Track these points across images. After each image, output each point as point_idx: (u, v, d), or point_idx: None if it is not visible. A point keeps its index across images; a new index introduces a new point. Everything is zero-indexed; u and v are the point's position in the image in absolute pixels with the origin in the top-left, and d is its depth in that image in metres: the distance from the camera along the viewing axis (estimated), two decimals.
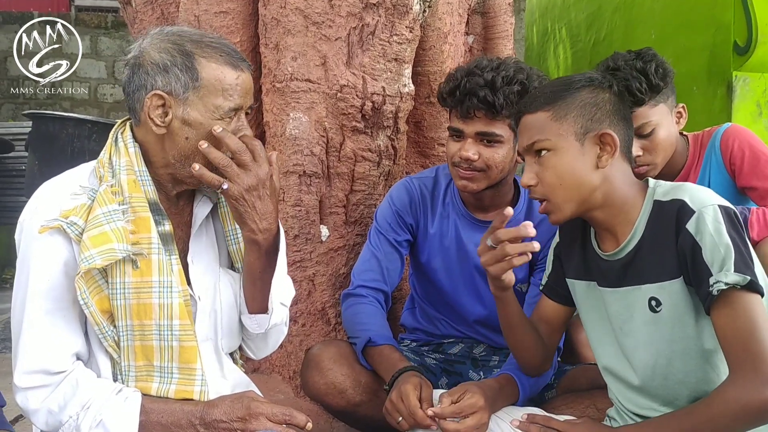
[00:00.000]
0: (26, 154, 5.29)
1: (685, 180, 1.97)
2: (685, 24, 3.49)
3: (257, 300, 1.40)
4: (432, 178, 1.89)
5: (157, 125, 1.27)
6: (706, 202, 1.22)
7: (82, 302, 1.21)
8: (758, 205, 1.83)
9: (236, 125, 1.31)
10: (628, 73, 1.74)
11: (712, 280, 1.17)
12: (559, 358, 1.75)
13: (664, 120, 1.84)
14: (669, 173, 1.95)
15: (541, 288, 1.56)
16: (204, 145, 1.25)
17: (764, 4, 3.10)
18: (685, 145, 1.99)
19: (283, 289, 1.46)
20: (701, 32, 3.35)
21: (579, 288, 1.44)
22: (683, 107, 1.93)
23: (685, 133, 2.02)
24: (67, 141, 4.89)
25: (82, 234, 1.21)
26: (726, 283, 1.15)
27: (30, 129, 5.24)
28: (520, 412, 1.52)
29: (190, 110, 1.26)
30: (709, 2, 3.33)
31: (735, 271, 1.15)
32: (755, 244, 1.75)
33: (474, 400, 1.41)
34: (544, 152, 1.31)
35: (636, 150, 1.81)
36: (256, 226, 1.30)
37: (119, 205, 1.25)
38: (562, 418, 1.53)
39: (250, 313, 1.41)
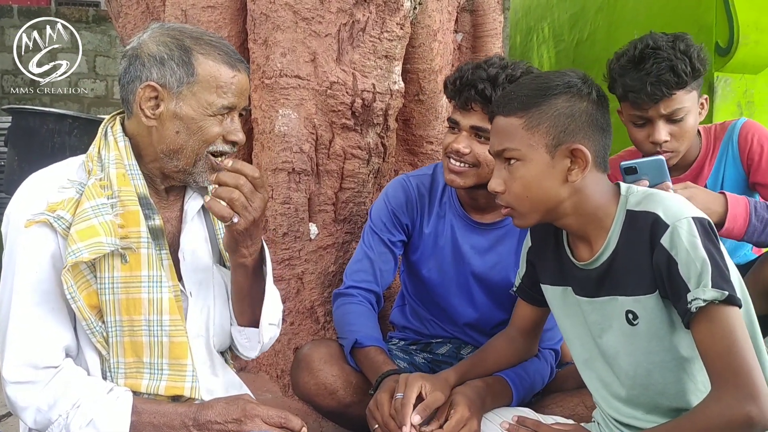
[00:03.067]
0: (5, 149, 5.20)
1: (699, 172, 1.95)
2: (668, 25, 3.52)
3: (247, 314, 1.40)
4: (429, 175, 1.87)
5: (147, 117, 1.27)
6: (679, 215, 1.19)
7: (69, 297, 1.19)
8: None
9: (230, 126, 1.31)
10: (671, 54, 1.73)
11: (690, 297, 1.15)
12: (556, 363, 1.74)
13: (694, 108, 1.80)
14: (681, 164, 1.92)
15: (514, 290, 1.56)
16: (212, 187, 1.27)
17: (746, 6, 3.14)
18: (696, 137, 1.95)
19: (272, 307, 1.44)
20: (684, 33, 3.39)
21: (553, 293, 1.43)
22: (706, 99, 1.89)
23: None
24: (47, 136, 4.82)
25: (69, 228, 1.20)
26: (704, 300, 1.13)
27: (9, 124, 5.15)
28: (510, 413, 1.51)
29: (182, 105, 1.26)
30: (692, 3, 3.36)
31: (713, 286, 1.13)
32: None
33: (459, 414, 1.42)
34: (513, 161, 1.27)
35: (664, 135, 1.78)
36: (247, 251, 1.31)
37: (108, 198, 1.24)
38: (551, 419, 1.53)
39: (240, 325, 1.41)
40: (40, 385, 1.20)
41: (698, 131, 1.98)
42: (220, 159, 1.32)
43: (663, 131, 1.78)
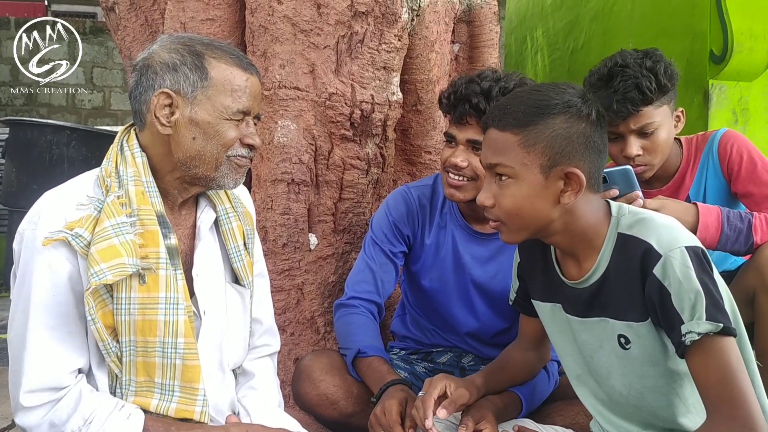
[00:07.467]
0: (3, 161, 5.20)
1: (681, 183, 1.97)
2: (663, 32, 3.54)
3: None
4: (430, 186, 1.88)
5: (162, 125, 1.25)
6: (672, 245, 1.16)
7: (89, 318, 1.17)
8: (752, 211, 1.83)
9: (245, 130, 1.29)
10: (637, 71, 1.76)
11: (684, 329, 1.13)
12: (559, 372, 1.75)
13: (665, 122, 1.84)
14: (663, 176, 1.96)
15: (511, 303, 1.56)
16: None
17: (739, 14, 3.16)
18: (678, 148, 1.99)
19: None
20: (678, 41, 3.41)
21: (544, 309, 1.42)
22: (682, 111, 1.92)
23: (676, 136, 2.02)
24: (45, 148, 4.81)
25: (87, 247, 1.17)
26: (698, 333, 1.12)
27: (7, 136, 5.15)
28: (511, 423, 1.52)
29: (198, 110, 1.25)
30: (686, 11, 3.38)
31: (707, 318, 1.11)
32: (758, 247, 1.77)
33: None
34: (505, 177, 1.23)
35: (636, 149, 1.82)
36: None
37: (128, 217, 1.21)
38: (551, 429, 1.54)
39: None
40: (53, 403, 1.19)
41: (680, 142, 2.00)
42: (242, 158, 1.30)
43: (634, 146, 1.82)
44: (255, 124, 1.33)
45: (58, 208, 1.22)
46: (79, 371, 1.24)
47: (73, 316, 1.20)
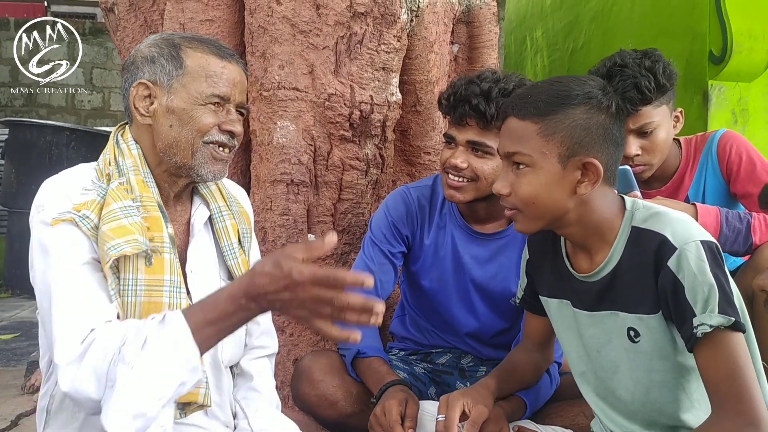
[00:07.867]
0: (3, 161, 5.21)
1: (680, 183, 1.98)
2: (662, 33, 3.54)
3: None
4: (429, 186, 1.88)
5: (141, 115, 1.29)
6: (687, 239, 1.18)
7: (112, 293, 1.16)
8: (751, 212, 1.84)
9: (224, 117, 1.30)
10: (636, 71, 1.77)
11: (696, 321, 1.14)
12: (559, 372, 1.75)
13: (664, 122, 1.85)
14: (662, 176, 1.96)
15: (518, 302, 1.57)
16: None
17: (739, 14, 3.16)
18: (677, 148, 2.00)
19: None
20: (678, 41, 3.41)
21: (552, 306, 1.43)
22: (681, 111, 1.93)
23: (675, 136, 2.03)
24: (44, 149, 4.83)
25: (94, 229, 1.18)
26: (710, 326, 1.12)
27: (7, 136, 5.17)
28: (511, 424, 1.52)
29: (173, 98, 1.28)
30: (686, 12, 3.38)
31: (719, 312, 1.12)
32: (757, 248, 1.77)
33: None
34: (522, 166, 1.24)
35: (635, 149, 1.82)
36: None
37: (133, 201, 1.23)
38: (551, 430, 1.54)
39: None
40: (87, 344, 1.10)
41: (679, 143, 2.01)
42: (222, 149, 1.31)
43: (633, 146, 1.82)
44: (243, 115, 1.35)
45: (62, 191, 1.22)
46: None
47: (97, 278, 1.17)
